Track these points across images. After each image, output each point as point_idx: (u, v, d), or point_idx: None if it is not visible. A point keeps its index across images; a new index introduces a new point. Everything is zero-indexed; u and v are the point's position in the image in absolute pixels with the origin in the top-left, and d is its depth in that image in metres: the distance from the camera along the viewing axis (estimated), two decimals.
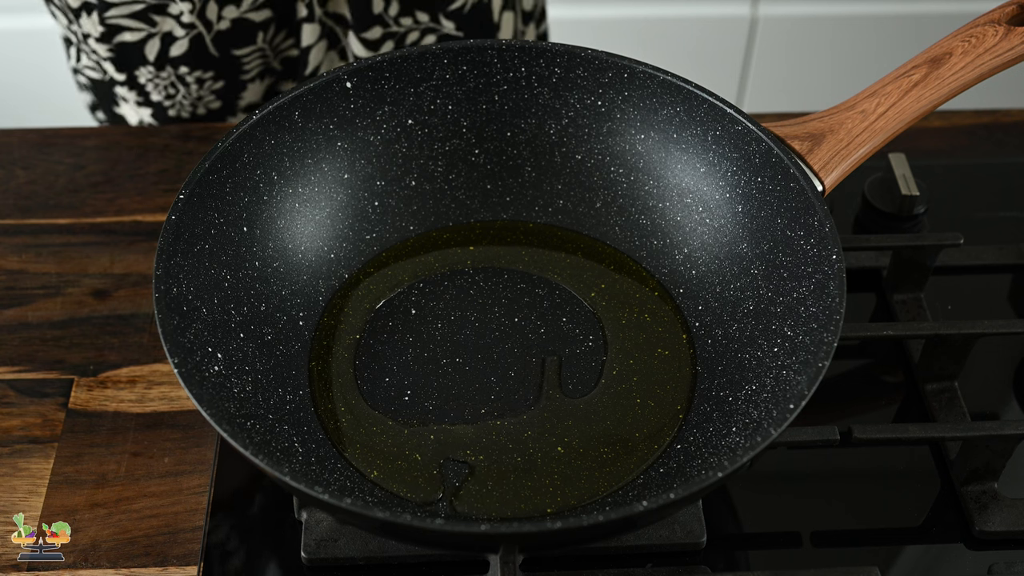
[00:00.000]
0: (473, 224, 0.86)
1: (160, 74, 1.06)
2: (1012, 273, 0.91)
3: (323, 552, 0.71)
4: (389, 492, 0.71)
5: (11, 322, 0.86)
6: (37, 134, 1.00)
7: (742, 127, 0.76)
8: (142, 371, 0.83)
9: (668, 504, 0.61)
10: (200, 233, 0.73)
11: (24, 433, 0.80)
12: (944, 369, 0.81)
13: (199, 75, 1.06)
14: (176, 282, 0.70)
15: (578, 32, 1.77)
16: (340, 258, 0.82)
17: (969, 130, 1.02)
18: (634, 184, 0.83)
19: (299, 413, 0.74)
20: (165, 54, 1.04)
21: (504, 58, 0.81)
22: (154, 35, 1.03)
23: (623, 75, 0.80)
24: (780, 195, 0.75)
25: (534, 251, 0.85)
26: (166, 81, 1.06)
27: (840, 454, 0.77)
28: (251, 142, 0.76)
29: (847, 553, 0.75)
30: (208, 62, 1.05)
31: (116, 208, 0.94)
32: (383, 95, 0.81)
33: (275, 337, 0.76)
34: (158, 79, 1.06)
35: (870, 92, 0.76)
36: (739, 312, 0.77)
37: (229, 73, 1.07)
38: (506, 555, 0.64)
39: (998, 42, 0.75)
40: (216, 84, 1.07)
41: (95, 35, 1.03)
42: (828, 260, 0.70)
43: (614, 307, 0.81)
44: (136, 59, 1.05)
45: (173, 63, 1.05)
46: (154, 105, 1.10)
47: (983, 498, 0.76)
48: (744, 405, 0.71)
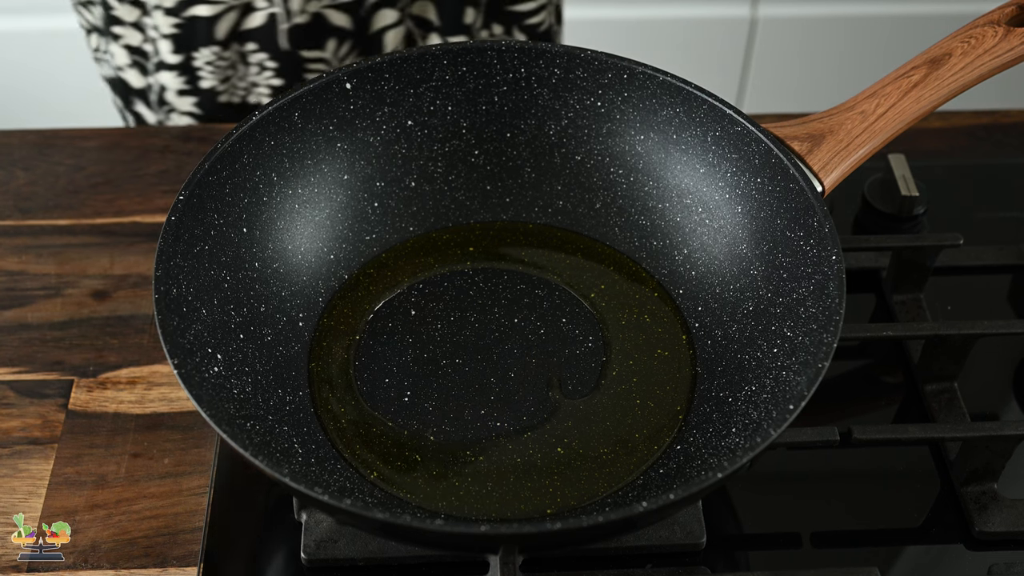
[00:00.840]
0: (473, 225, 0.86)
1: (224, 53, 1.02)
2: (1012, 273, 0.91)
3: (323, 553, 0.71)
4: (389, 493, 0.71)
5: (11, 323, 0.86)
6: (37, 135, 1.00)
7: (742, 128, 0.76)
8: (142, 372, 0.83)
9: (668, 505, 0.61)
10: (200, 234, 0.73)
11: (24, 434, 0.80)
12: (944, 369, 0.81)
13: (263, 59, 1.02)
14: (176, 283, 0.70)
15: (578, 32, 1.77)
16: (340, 259, 0.82)
17: (969, 131, 1.02)
18: (634, 185, 0.83)
19: (299, 414, 0.74)
20: (236, 28, 1.00)
21: (504, 59, 0.81)
22: (233, 8, 0.99)
23: (623, 76, 0.80)
24: (780, 196, 0.75)
25: (534, 252, 0.85)
26: (227, 62, 1.03)
27: (840, 454, 0.77)
28: (251, 143, 0.76)
29: (847, 553, 0.75)
30: (276, 52, 1.02)
31: (116, 209, 0.94)
32: (383, 96, 0.81)
33: (275, 338, 0.76)
34: (221, 60, 1.02)
35: (870, 93, 0.76)
36: (739, 313, 0.77)
37: (291, 73, 1.04)
38: (506, 556, 0.64)
39: (997, 43, 0.75)
40: (275, 79, 1.05)
41: (167, 4, 0.99)
42: (828, 261, 0.70)
43: (614, 308, 0.81)
44: (202, 37, 1.01)
45: (241, 38, 1.01)
46: (203, 93, 1.06)
47: (983, 499, 0.76)
48: (744, 406, 0.72)
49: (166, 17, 1.01)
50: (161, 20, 1.01)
